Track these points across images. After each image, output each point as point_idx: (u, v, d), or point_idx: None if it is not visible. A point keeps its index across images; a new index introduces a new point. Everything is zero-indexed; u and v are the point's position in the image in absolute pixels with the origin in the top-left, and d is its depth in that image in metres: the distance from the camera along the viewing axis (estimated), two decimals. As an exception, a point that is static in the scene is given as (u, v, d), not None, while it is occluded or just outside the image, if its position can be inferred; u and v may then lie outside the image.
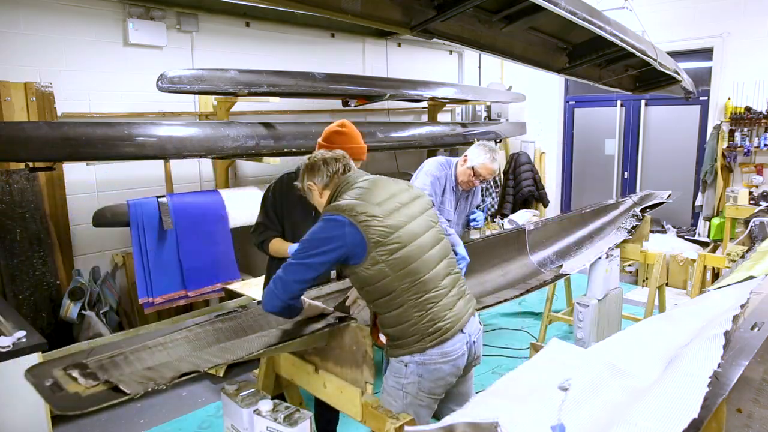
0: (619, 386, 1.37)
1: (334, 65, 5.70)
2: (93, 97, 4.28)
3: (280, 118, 5.07)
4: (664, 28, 6.42)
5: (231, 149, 4.09)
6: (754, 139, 6.13)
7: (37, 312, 3.81)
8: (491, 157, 3.09)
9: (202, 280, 4.14)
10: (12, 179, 3.78)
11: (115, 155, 3.57)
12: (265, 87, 4.24)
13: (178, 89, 3.84)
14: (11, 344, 2.34)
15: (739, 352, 1.49)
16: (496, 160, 3.11)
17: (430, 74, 6.75)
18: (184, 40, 4.73)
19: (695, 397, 1.19)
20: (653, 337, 1.73)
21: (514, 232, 3.60)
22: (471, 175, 3.12)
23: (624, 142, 7.43)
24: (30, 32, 3.96)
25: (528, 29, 3.71)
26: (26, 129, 3.30)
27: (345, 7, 2.75)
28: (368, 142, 5.11)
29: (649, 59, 4.17)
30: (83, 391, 1.53)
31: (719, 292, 2.29)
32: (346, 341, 1.93)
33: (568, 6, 2.96)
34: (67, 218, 4.14)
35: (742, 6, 6.18)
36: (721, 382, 1.31)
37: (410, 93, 5.56)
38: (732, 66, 6.29)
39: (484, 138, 6.39)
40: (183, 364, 1.77)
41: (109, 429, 3.33)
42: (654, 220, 5.81)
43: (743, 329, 1.68)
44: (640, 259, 4.06)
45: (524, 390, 1.35)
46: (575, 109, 7.84)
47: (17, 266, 3.76)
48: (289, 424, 1.71)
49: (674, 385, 1.28)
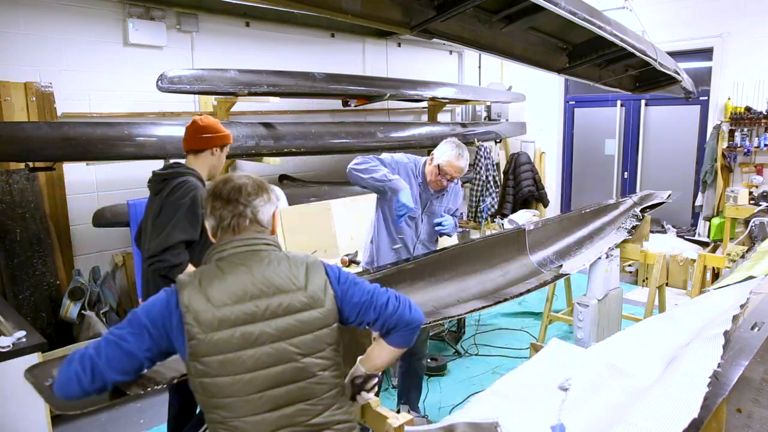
0: (619, 386, 1.37)
1: (334, 65, 5.70)
2: (93, 97, 4.28)
3: (280, 118, 5.07)
4: (664, 28, 6.42)
5: (231, 149, 4.08)
6: (754, 139, 6.13)
7: (37, 312, 3.81)
8: (457, 153, 2.87)
9: (202, 280, 4.14)
10: (12, 179, 3.78)
11: (115, 155, 3.57)
12: (265, 87, 4.24)
13: (178, 89, 3.84)
14: (11, 344, 2.34)
15: (739, 352, 1.49)
16: (463, 156, 2.90)
17: (430, 74, 6.75)
18: (184, 40, 4.73)
19: (695, 396, 1.19)
20: (653, 337, 1.73)
21: (514, 232, 3.59)
22: (437, 173, 2.91)
23: (624, 142, 7.43)
24: (30, 32, 3.96)
25: (528, 29, 3.71)
26: (26, 129, 3.30)
27: (345, 7, 2.75)
28: (368, 142, 5.19)
29: (649, 59, 4.17)
30: (83, 391, 1.52)
31: (719, 292, 2.29)
32: (345, 341, 1.93)
33: (568, 6, 2.96)
34: (67, 218, 4.14)
35: (742, 6, 6.18)
36: (721, 382, 1.31)
37: (410, 93, 5.56)
38: (732, 66, 6.29)
39: (484, 138, 6.40)
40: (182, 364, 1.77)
41: (109, 429, 3.33)
42: (654, 220, 5.80)
43: (743, 329, 1.68)
44: (640, 259, 4.06)
45: (524, 390, 1.35)
46: (575, 109, 7.84)
47: (17, 266, 3.76)
48: (289, 424, 1.70)
49: (674, 385, 1.28)
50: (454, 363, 4.18)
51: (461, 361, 4.22)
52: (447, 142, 2.92)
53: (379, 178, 2.76)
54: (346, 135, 4.99)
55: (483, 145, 6.19)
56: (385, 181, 2.76)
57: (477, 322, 4.85)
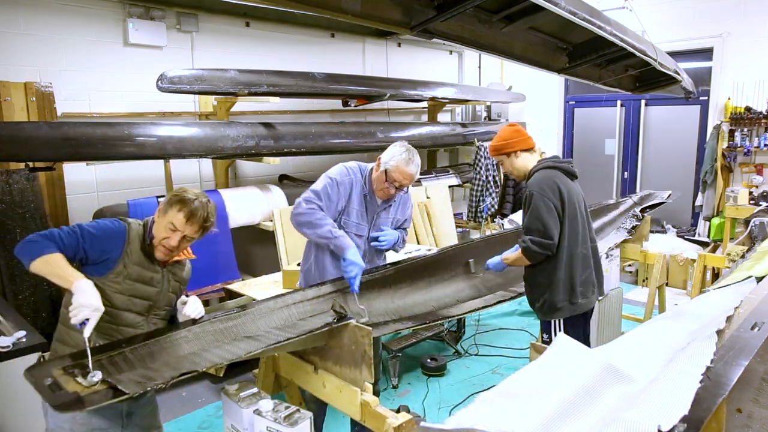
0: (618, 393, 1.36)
1: (334, 65, 5.70)
2: (93, 97, 4.27)
3: (280, 118, 5.07)
4: (664, 28, 6.42)
5: (231, 149, 4.09)
6: (754, 139, 6.13)
7: (37, 312, 3.81)
8: (407, 158, 2.55)
9: (202, 280, 4.14)
10: (12, 179, 3.78)
11: (115, 155, 3.57)
12: (265, 87, 4.24)
13: (178, 89, 3.84)
14: (11, 344, 2.34)
15: (739, 352, 1.49)
16: (413, 162, 2.57)
17: (430, 74, 6.75)
18: (184, 40, 4.73)
19: (687, 393, 1.20)
20: (658, 338, 1.73)
21: (514, 232, 3.59)
22: (384, 180, 2.57)
23: (624, 142, 7.43)
24: (30, 32, 3.96)
25: (528, 29, 3.71)
26: (26, 129, 3.30)
27: (345, 7, 2.75)
28: (368, 142, 5.19)
29: (649, 59, 4.17)
30: (83, 390, 1.53)
31: (719, 292, 2.29)
32: (345, 341, 1.93)
33: (568, 6, 2.96)
34: (67, 218, 4.13)
35: (742, 6, 6.18)
36: (721, 382, 1.31)
37: (410, 93, 5.56)
38: (732, 66, 6.29)
39: (484, 138, 6.39)
40: (182, 363, 1.77)
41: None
42: (654, 220, 5.81)
43: (743, 329, 1.68)
44: (640, 259, 4.06)
45: (531, 390, 1.34)
46: (575, 109, 7.84)
47: (17, 266, 3.76)
48: (289, 424, 1.71)
49: (666, 382, 1.28)
50: (454, 363, 4.18)
51: (461, 361, 4.22)
52: (396, 145, 2.60)
53: (323, 234, 2.52)
54: (346, 135, 4.99)
55: (483, 145, 6.19)
56: (330, 239, 2.51)
57: (477, 322, 4.85)
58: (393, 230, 2.75)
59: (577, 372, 1.40)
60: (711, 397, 1.23)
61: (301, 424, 1.72)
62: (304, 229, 2.56)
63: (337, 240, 2.51)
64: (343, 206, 2.63)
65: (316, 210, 2.54)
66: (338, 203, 2.61)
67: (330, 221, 2.55)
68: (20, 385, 1.73)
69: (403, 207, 2.81)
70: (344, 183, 2.63)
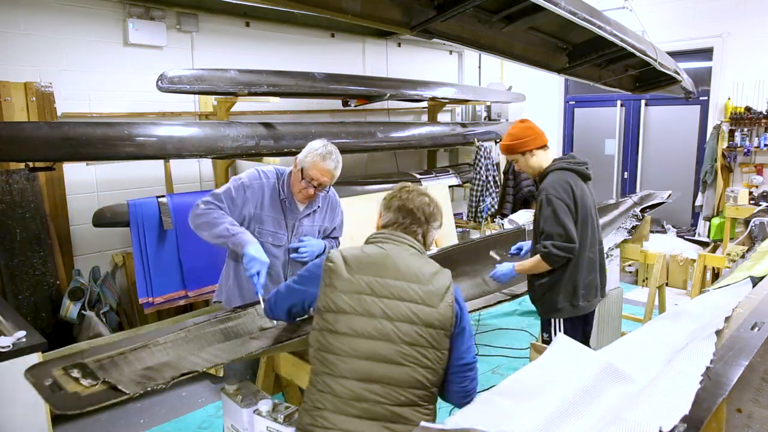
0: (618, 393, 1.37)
1: (334, 65, 5.70)
2: (93, 97, 4.27)
3: (280, 118, 5.07)
4: (664, 28, 6.42)
5: (231, 149, 4.09)
6: (754, 139, 6.13)
7: (37, 312, 3.81)
8: (323, 153, 2.32)
9: (202, 280, 4.14)
10: (12, 179, 3.78)
11: (115, 155, 3.56)
12: (265, 87, 4.24)
13: (178, 89, 3.84)
14: (11, 344, 2.34)
15: (739, 352, 1.49)
16: (331, 158, 2.35)
17: (430, 74, 6.75)
18: (184, 40, 4.73)
19: (688, 393, 1.20)
20: (657, 339, 1.73)
21: (514, 232, 3.59)
22: (301, 179, 2.34)
23: (624, 142, 7.43)
24: (30, 32, 3.96)
25: (528, 29, 3.72)
26: (26, 129, 3.30)
27: (345, 7, 2.75)
28: (368, 142, 5.19)
29: (649, 59, 4.17)
30: (83, 390, 1.53)
31: (719, 292, 2.29)
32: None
33: (568, 6, 2.97)
34: (67, 218, 4.14)
35: (742, 6, 6.18)
36: (721, 382, 1.31)
37: (410, 93, 5.56)
38: (732, 66, 6.29)
39: (484, 138, 6.39)
40: (182, 363, 1.77)
41: (109, 429, 3.33)
42: (654, 220, 5.81)
43: (743, 329, 1.68)
44: (640, 259, 4.06)
45: (531, 390, 1.35)
46: (575, 109, 7.84)
47: (17, 266, 3.76)
48: (289, 424, 1.71)
49: (666, 382, 1.28)
50: (454, 363, 4.17)
51: (461, 361, 4.21)
52: (314, 142, 2.40)
53: (219, 233, 2.29)
54: (346, 135, 4.99)
55: (483, 145, 6.19)
56: (227, 237, 2.29)
57: (477, 322, 4.85)
58: (317, 240, 2.51)
59: (577, 372, 1.40)
60: (711, 397, 1.23)
61: (301, 424, 1.72)
62: (202, 231, 2.35)
63: (235, 237, 2.28)
64: (251, 212, 2.40)
65: (214, 209, 2.34)
66: (243, 207, 2.39)
67: (228, 219, 2.32)
68: (20, 385, 1.74)
69: (331, 213, 2.58)
70: (253, 187, 2.41)
